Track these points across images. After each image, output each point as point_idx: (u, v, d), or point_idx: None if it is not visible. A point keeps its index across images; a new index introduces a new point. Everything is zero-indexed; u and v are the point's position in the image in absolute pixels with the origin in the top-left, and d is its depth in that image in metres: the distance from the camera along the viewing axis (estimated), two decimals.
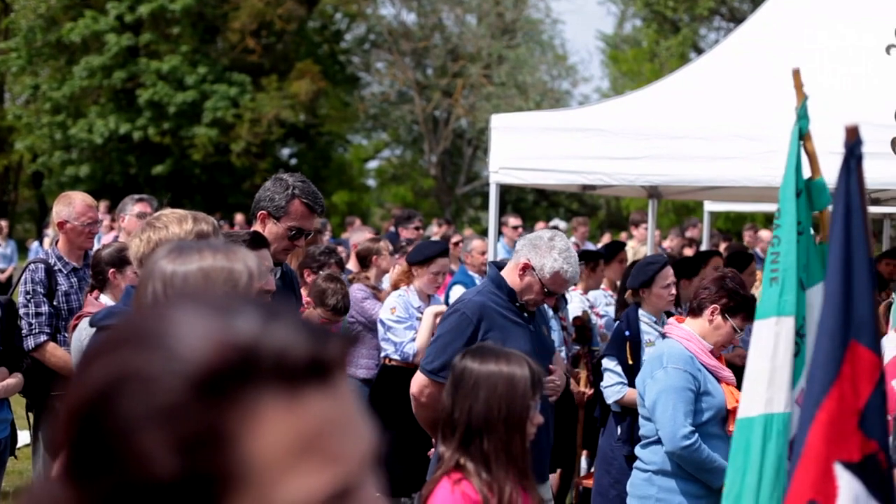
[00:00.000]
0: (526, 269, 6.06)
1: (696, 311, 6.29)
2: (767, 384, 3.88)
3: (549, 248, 6.06)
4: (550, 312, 8.44)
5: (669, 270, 7.80)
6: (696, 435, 5.98)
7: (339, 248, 11.92)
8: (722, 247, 14.57)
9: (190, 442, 1.09)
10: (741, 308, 6.22)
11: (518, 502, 3.82)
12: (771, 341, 3.89)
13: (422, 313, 8.75)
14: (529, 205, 41.79)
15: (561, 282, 6.11)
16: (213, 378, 1.10)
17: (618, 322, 7.98)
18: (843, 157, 3.15)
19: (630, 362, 7.55)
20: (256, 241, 5.09)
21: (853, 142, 3.11)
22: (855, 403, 3.05)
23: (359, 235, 12.97)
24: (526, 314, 6.17)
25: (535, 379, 3.93)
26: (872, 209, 13.42)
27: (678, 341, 6.20)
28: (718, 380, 6.18)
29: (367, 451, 1.19)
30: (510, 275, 6.13)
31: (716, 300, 6.22)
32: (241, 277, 3.12)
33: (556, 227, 19.25)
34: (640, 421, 6.34)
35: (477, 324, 5.98)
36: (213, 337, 1.12)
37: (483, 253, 10.92)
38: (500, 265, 6.31)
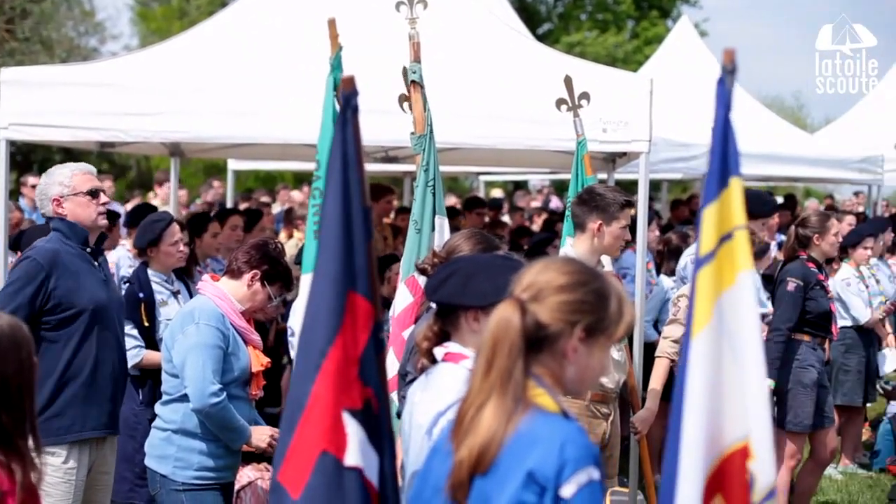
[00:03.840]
0: (59, 202, 6.35)
1: (234, 273, 6.27)
2: None
3: (58, 170, 6.52)
4: None
5: (176, 227, 7.73)
6: (224, 393, 5.97)
7: None
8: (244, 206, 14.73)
9: None
10: (280, 277, 6.32)
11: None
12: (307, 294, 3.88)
13: None
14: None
15: (85, 179, 6.43)
16: None
17: (129, 284, 7.78)
18: (340, 108, 3.15)
19: (146, 324, 7.42)
20: None
21: (349, 92, 3.11)
22: (355, 352, 3.08)
23: None
24: (97, 263, 6.37)
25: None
26: (392, 167, 13.80)
27: (210, 299, 6.18)
28: (246, 342, 6.22)
29: None
30: (75, 213, 6.34)
31: (257, 266, 6.25)
32: None
33: None
34: (164, 377, 6.23)
35: (49, 270, 6.14)
36: None
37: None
38: (61, 217, 6.36)
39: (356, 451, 3.05)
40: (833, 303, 8.81)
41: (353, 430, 3.06)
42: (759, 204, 9.47)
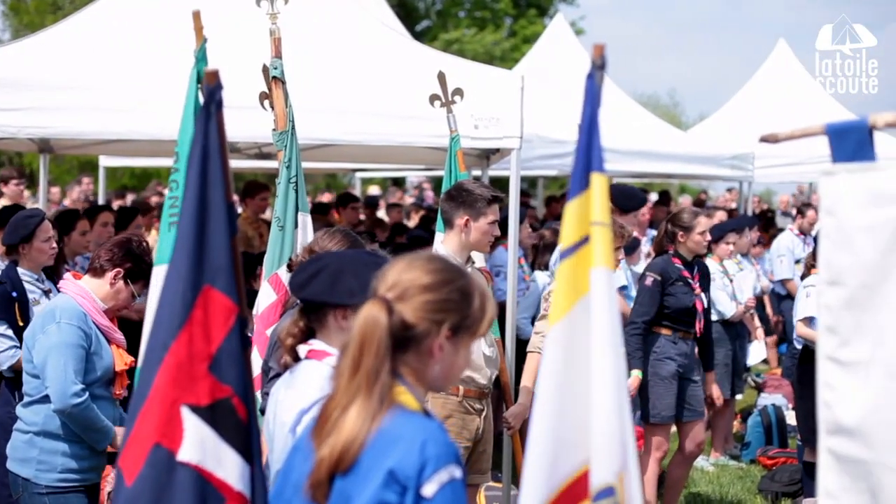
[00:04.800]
0: None
1: (97, 271, 6.20)
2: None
3: None
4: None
5: (48, 224, 7.59)
6: (87, 393, 5.89)
7: None
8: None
9: None
10: (143, 275, 6.23)
11: None
12: (159, 287, 3.83)
13: None
14: None
15: None
16: None
17: (0, 284, 7.61)
18: (204, 101, 3.11)
19: (21, 324, 7.27)
20: None
21: (213, 86, 3.07)
22: (206, 348, 3.06)
23: None
24: None
25: None
26: (266, 164, 13.67)
27: (72, 297, 6.10)
28: (109, 341, 6.15)
29: None
30: None
31: (119, 264, 6.19)
32: None
33: None
34: (25, 377, 6.12)
35: None
36: None
37: None
38: None
39: (193, 446, 3.06)
40: (699, 299, 8.87)
41: (193, 426, 3.06)
42: (627, 199, 9.63)
